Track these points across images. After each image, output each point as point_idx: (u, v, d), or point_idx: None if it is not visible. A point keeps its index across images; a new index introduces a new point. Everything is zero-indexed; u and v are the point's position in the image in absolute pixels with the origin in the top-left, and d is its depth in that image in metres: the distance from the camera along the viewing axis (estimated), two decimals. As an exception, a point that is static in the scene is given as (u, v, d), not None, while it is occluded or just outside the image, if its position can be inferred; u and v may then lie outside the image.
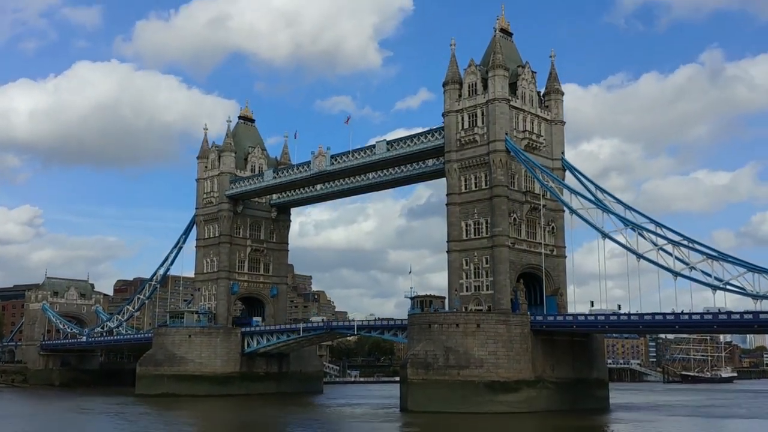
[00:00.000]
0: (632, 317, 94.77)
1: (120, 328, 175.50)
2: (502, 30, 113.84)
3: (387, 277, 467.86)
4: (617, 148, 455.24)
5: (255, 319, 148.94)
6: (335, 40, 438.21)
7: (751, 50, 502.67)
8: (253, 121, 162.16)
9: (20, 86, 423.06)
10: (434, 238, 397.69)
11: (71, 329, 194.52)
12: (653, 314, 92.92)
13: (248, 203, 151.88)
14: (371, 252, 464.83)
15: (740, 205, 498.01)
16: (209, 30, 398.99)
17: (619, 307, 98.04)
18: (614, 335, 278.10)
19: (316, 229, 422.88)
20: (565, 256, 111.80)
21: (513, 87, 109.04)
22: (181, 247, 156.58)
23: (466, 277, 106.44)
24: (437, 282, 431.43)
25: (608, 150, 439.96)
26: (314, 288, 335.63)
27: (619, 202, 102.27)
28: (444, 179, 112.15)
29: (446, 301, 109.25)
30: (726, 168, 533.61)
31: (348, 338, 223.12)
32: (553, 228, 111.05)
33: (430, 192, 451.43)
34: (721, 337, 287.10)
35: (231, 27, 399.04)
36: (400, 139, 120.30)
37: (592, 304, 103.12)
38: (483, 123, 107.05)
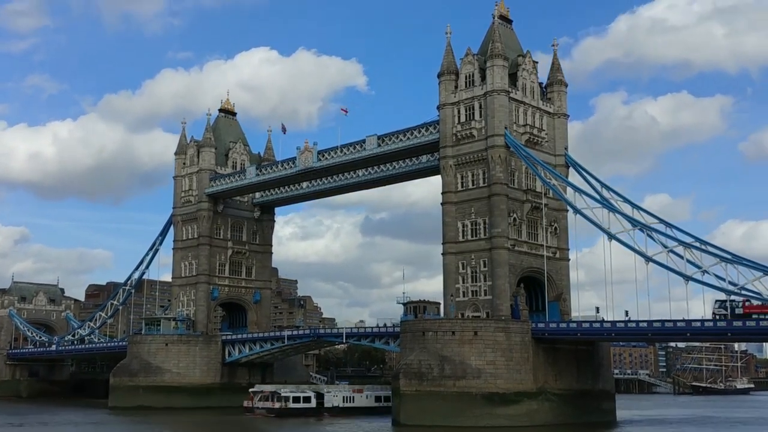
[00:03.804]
0: (640, 324, 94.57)
1: (92, 336, 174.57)
2: (502, 17, 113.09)
3: (356, 288, 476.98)
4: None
5: None
6: (291, 109, 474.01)
7: (651, 92, 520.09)
8: (234, 114, 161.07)
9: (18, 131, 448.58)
10: (395, 253, 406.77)
11: (40, 337, 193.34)
12: (663, 321, 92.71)
13: (229, 202, 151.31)
14: (337, 265, 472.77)
15: (683, 226, 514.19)
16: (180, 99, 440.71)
17: (627, 313, 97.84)
18: (621, 344, 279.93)
19: (277, 240, 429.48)
20: (569, 259, 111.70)
21: (513, 78, 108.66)
22: (157, 250, 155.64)
23: (463, 282, 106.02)
24: (410, 291, 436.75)
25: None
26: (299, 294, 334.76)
27: (627, 201, 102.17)
28: (438, 176, 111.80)
29: (441, 307, 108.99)
30: (669, 193, 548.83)
31: (336, 347, 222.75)
32: (555, 229, 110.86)
33: (384, 214, 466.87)
34: (736, 345, 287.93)
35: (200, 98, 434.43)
36: (392, 134, 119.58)
37: (597, 310, 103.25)
38: (481, 116, 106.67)
